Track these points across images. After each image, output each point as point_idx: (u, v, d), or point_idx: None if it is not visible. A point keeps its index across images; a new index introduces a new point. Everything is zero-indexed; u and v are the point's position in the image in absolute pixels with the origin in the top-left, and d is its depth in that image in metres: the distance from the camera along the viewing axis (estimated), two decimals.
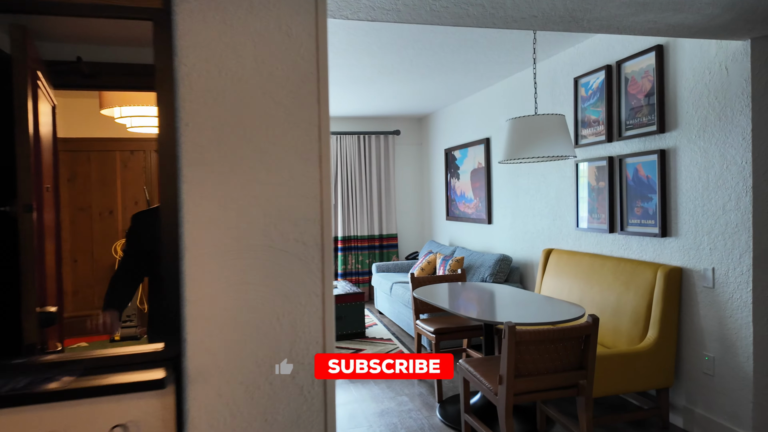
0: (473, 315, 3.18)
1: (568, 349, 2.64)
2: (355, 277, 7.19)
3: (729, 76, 2.85)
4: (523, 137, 3.21)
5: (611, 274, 3.63)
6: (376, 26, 3.40)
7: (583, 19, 2.30)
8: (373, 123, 7.37)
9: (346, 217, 7.15)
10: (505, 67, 4.69)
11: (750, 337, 2.79)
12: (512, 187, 5.16)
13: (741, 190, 2.81)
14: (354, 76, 4.79)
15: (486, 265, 4.95)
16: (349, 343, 5.19)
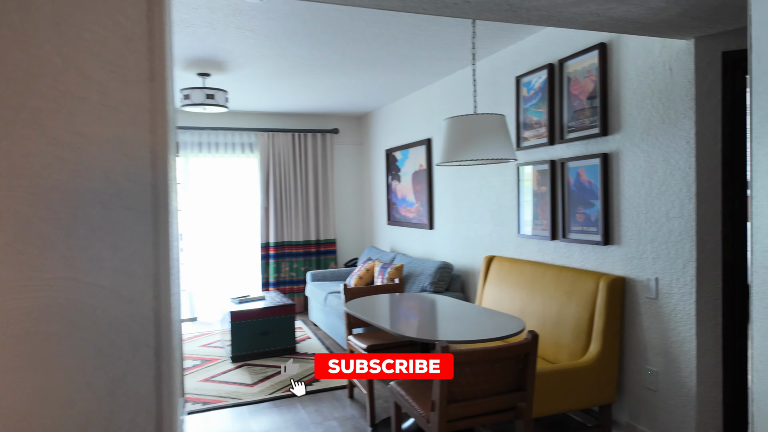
0: (408, 333, 2.97)
1: (506, 370, 2.48)
2: (289, 287, 6.87)
3: (673, 77, 2.78)
4: (461, 138, 3.04)
5: (553, 284, 3.53)
6: (299, 10, 3.15)
7: (521, 7, 2.15)
8: (309, 120, 7.09)
9: (278, 221, 6.83)
10: (445, 64, 4.54)
11: (693, 350, 2.73)
12: (454, 190, 5.02)
13: (685, 197, 2.75)
14: (281, 67, 4.51)
15: (426, 274, 4.79)
16: (276, 360, 4.89)
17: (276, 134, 6.79)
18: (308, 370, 4.56)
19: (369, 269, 5.47)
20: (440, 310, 3.42)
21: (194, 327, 6.28)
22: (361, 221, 7.45)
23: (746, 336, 2.74)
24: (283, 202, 6.82)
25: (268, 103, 6.14)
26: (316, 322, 5.97)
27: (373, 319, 3.21)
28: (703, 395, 2.72)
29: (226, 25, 3.46)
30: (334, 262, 7.05)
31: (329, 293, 5.41)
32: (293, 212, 6.86)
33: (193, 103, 4.65)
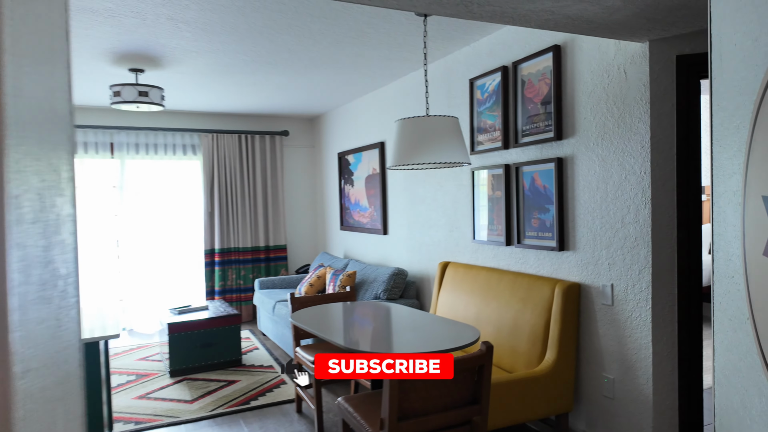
0: (360, 345, 2.84)
1: (459, 383, 2.38)
2: (236, 295, 6.62)
3: (628, 80, 2.77)
4: (413, 141, 2.94)
5: (508, 290, 3.48)
6: (238, 2, 2.98)
7: (473, 2, 2.06)
8: (257, 121, 6.87)
9: (224, 226, 6.57)
10: (398, 66, 4.45)
11: (649, 357, 2.71)
12: (408, 195, 4.93)
13: (640, 202, 2.74)
14: (223, 64, 4.31)
15: (380, 280, 4.67)
16: (220, 373, 4.66)
17: (221, 135, 6.54)
18: (256, 383, 4.36)
19: (320, 276, 5.31)
20: (394, 320, 3.31)
21: (131, 339, 5.95)
22: (313, 226, 7.27)
23: (701, 342, 2.75)
24: (229, 207, 6.57)
25: (212, 102, 5.89)
26: (265, 331, 5.76)
27: (323, 330, 3.06)
28: (660, 402, 2.71)
29: (157, 16, 3.24)
30: (284, 269, 6.85)
31: (278, 302, 5.22)
32: (240, 217, 6.61)
33: (124, 100, 4.38)
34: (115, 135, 6.18)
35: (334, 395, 4.05)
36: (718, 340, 1.48)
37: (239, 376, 4.59)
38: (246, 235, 6.64)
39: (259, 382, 4.40)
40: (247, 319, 6.64)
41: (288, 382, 4.35)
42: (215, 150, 6.51)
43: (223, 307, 5.18)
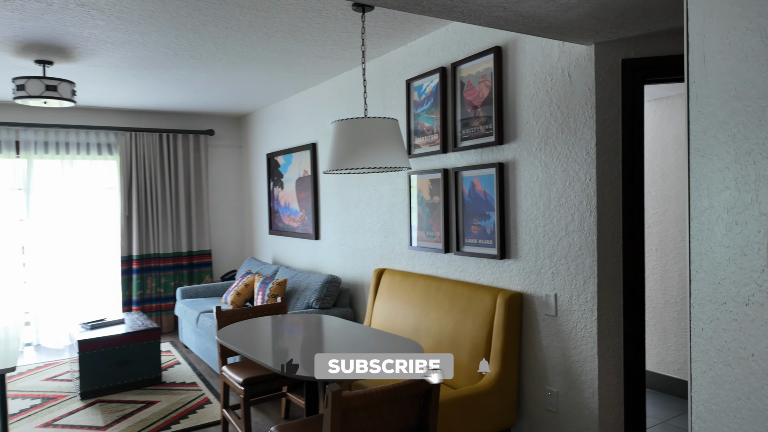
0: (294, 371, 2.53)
1: (406, 409, 2.13)
2: (156, 305, 6.06)
3: (572, 84, 2.63)
4: (351, 144, 2.66)
5: (448, 299, 3.27)
6: None
7: None
8: (180, 120, 6.33)
9: (143, 231, 5.99)
10: (332, 64, 4.15)
11: (595, 370, 2.59)
12: (342, 198, 4.64)
13: (585, 210, 2.60)
14: (142, 57, 3.84)
15: (312, 288, 4.35)
16: (137, 394, 4.17)
17: (140, 134, 5.96)
18: (177, 403, 3.91)
19: (248, 284, 4.91)
20: (328, 336, 3.02)
21: (37, 357, 5.28)
22: (240, 230, 6.81)
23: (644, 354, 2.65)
24: (148, 210, 6.00)
25: (130, 98, 5.33)
26: (188, 344, 5.27)
27: (252, 349, 2.72)
28: (606, 417, 2.58)
29: (65, 1, 2.78)
30: (209, 276, 6.35)
31: (202, 313, 4.77)
32: (161, 221, 6.06)
33: (29, 95, 3.81)
34: (22, 133, 5.48)
35: (264, 415, 3.69)
36: (699, 370, 1.31)
37: (159, 395, 4.12)
38: (167, 240, 6.09)
39: (181, 402, 3.96)
40: (168, 330, 6.10)
41: (213, 402, 3.94)
42: (133, 149, 5.92)
43: (141, 320, 4.66)
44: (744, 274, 1.06)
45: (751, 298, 1.03)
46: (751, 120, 1.02)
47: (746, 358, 1.06)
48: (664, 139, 4.02)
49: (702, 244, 1.25)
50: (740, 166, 1.08)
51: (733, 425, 1.12)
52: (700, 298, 1.27)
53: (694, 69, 1.27)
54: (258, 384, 3.08)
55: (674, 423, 3.55)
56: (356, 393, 1.94)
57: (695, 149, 1.28)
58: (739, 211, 1.08)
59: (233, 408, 3.35)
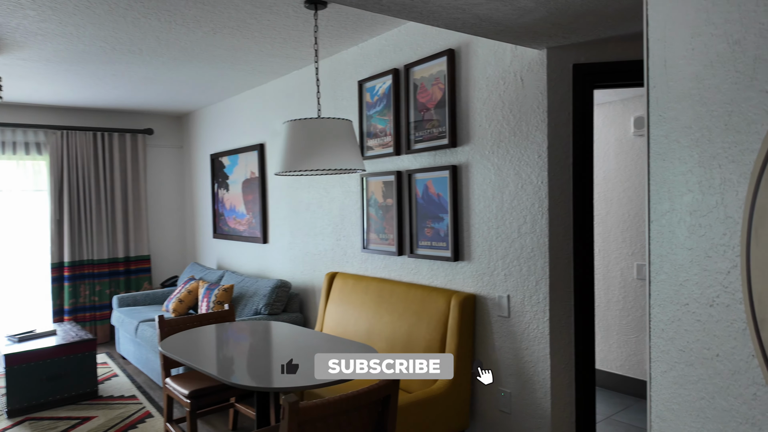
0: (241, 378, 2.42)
1: (364, 417, 2.08)
2: (90, 314, 5.72)
3: (524, 88, 2.67)
4: (304, 145, 2.59)
5: (402, 303, 3.25)
6: None
7: None
8: (116, 118, 6.01)
9: (75, 235, 5.64)
10: (281, 63, 4.05)
11: (547, 371, 2.63)
12: (291, 201, 4.54)
13: (537, 212, 2.64)
14: (77, 51, 3.60)
15: (261, 294, 4.22)
16: (72, 410, 3.90)
17: (72, 133, 5.61)
18: (116, 419, 3.69)
19: (192, 291, 4.72)
20: (277, 344, 2.92)
21: None
22: (181, 234, 6.54)
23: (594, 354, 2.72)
24: (81, 214, 5.65)
25: (62, 95, 5.00)
26: (126, 355, 5.00)
27: (198, 359, 2.59)
28: (558, 416, 2.63)
29: None
30: (148, 282, 6.06)
31: (141, 322, 4.53)
32: (95, 225, 5.72)
33: None
34: None
35: (210, 428, 3.54)
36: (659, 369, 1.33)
37: (95, 411, 3.88)
38: (102, 245, 5.76)
39: (120, 417, 3.74)
40: (104, 340, 5.77)
41: (156, 415, 3.74)
42: (65, 149, 5.57)
43: (74, 331, 4.38)
44: (708, 275, 1.08)
45: (716, 299, 1.05)
46: (716, 125, 1.03)
47: (711, 358, 1.07)
48: (606, 143, 4.17)
49: (663, 246, 1.27)
50: (704, 169, 1.09)
51: (696, 424, 1.14)
52: (661, 299, 1.29)
53: (655, 74, 1.29)
54: (205, 396, 2.94)
55: (618, 418, 3.67)
56: (314, 403, 1.87)
57: (656, 153, 1.30)
58: (703, 213, 1.10)
59: (177, 421, 3.19)
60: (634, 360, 4.02)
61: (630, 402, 3.93)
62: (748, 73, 0.94)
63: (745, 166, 0.95)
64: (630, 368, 4.04)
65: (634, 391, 4.02)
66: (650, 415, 1.36)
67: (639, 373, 3.99)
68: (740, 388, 0.98)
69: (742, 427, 0.97)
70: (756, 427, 0.93)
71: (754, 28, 0.92)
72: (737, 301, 0.98)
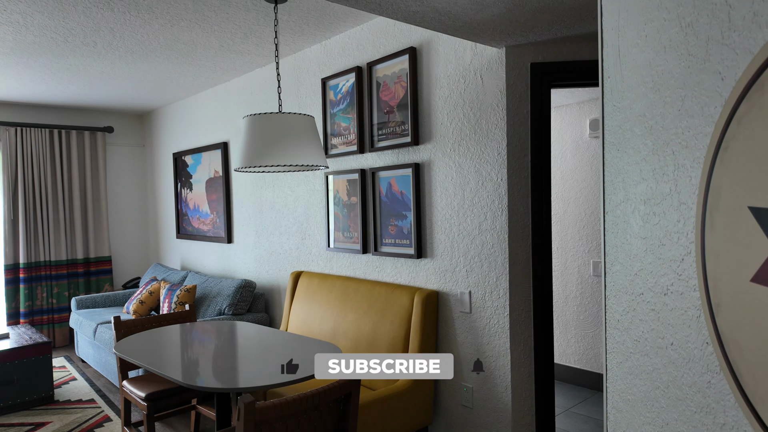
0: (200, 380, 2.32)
1: (325, 416, 2.01)
2: (48, 316, 5.46)
3: (484, 86, 2.64)
4: (265, 140, 2.50)
5: (366, 300, 3.19)
6: None
7: None
8: (74, 115, 5.76)
9: (31, 236, 5.38)
10: (242, 60, 3.94)
11: (508, 365, 2.60)
12: (256, 200, 4.42)
13: (497, 209, 2.62)
14: (26, 42, 3.41)
15: (225, 294, 4.09)
16: (25, 415, 3.70)
17: (27, 130, 5.35)
18: (72, 423, 3.51)
19: (153, 292, 4.54)
20: (241, 344, 2.82)
21: None
22: (144, 235, 6.32)
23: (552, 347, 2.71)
24: (38, 213, 5.39)
25: (14, 89, 4.76)
26: (85, 358, 4.78)
27: (155, 361, 2.47)
28: (518, 409, 2.61)
29: None
30: (109, 284, 5.83)
31: (100, 324, 4.34)
32: (52, 225, 5.47)
33: None
34: None
35: (172, 431, 3.40)
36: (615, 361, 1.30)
37: (51, 416, 3.68)
38: (60, 246, 5.51)
39: (76, 422, 3.56)
40: (63, 343, 5.52)
41: (114, 419, 3.57)
42: (19, 147, 5.30)
43: (29, 334, 4.16)
44: (662, 264, 1.05)
45: (670, 288, 1.02)
46: (669, 111, 1.01)
47: (664, 347, 1.05)
48: (562, 145, 4.20)
49: (617, 236, 1.24)
50: (658, 157, 1.07)
51: (650, 415, 1.11)
52: (616, 289, 1.26)
53: (609, 64, 1.26)
54: (163, 398, 2.81)
55: (576, 410, 3.69)
56: (271, 404, 1.79)
57: (610, 143, 1.27)
58: (657, 201, 1.07)
59: (136, 425, 3.05)
60: (591, 354, 4.05)
61: (587, 394, 3.96)
62: (701, 55, 0.91)
63: (698, 151, 0.93)
64: (587, 362, 4.08)
65: (590, 384, 4.05)
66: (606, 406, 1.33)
67: (596, 366, 4.03)
68: (694, 376, 0.95)
69: (697, 415, 0.94)
70: (710, 415, 0.91)
71: (706, 9, 0.89)
72: (691, 288, 0.96)
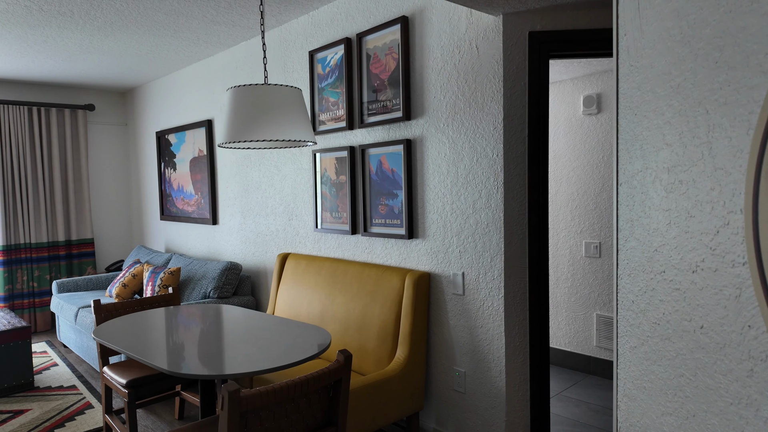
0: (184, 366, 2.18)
1: (314, 404, 1.89)
2: (29, 300, 5.28)
3: (480, 57, 2.49)
4: (249, 113, 2.34)
5: (356, 283, 3.06)
6: None
7: None
8: (54, 92, 5.52)
9: (10, 217, 5.17)
10: (227, 32, 3.74)
11: (502, 348, 2.50)
12: (241, 180, 4.25)
13: (492, 186, 2.49)
14: (0, 11, 3.20)
15: (210, 277, 3.95)
16: (3, 403, 3.55)
17: (3, 107, 5.11)
18: (53, 410, 3.37)
19: (136, 275, 4.39)
20: (227, 328, 2.68)
21: None
22: (127, 216, 6.13)
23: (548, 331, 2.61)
24: (16, 195, 5.18)
25: None
26: (67, 343, 4.63)
27: (136, 346, 2.33)
28: (512, 395, 2.51)
29: None
30: (92, 267, 5.65)
31: (81, 308, 4.18)
32: (32, 207, 5.26)
33: None
34: None
35: (156, 417, 3.28)
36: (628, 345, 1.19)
37: (30, 403, 3.54)
38: (40, 228, 5.31)
39: (57, 409, 3.42)
40: (45, 328, 5.35)
41: (96, 406, 3.44)
42: None
43: (7, 318, 3.99)
44: (690, 238, 0.93)
45: (700, 264, 0.90)
46: (702, 65, 0.88)
47: (691, 330, 0.93)
48: (556, 122, 4.07)
49: (633, 210, 1.12)
50: (686, 119, 0.94)
51: (671, 404, 1.00)
52: (630, 268, 1.14)
53: (625, 20, 1.13)
54: (146, 385, 2.68)
55: (567, 394, 3.62)
56: (256, 392, 1.66)
57: (626, 108, 1.14)
58: (684, 168, 0.95)
59: (118, 413, 2.92)
60: (582, 336, 3.98)
61: (578, 377, 3.89)
62: None
63: (741, 107, 0.80)
64: (578, 345, 4.00)
65: (581, 367, 3.99)
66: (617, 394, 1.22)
67: (586, 349, 3.96)
68: (731, 363, 0.83)
69: (733, 407, 0.83)
70: (751, 408, 0.79)
71: None
72: (728, 264, 0.84)
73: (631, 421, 1.13)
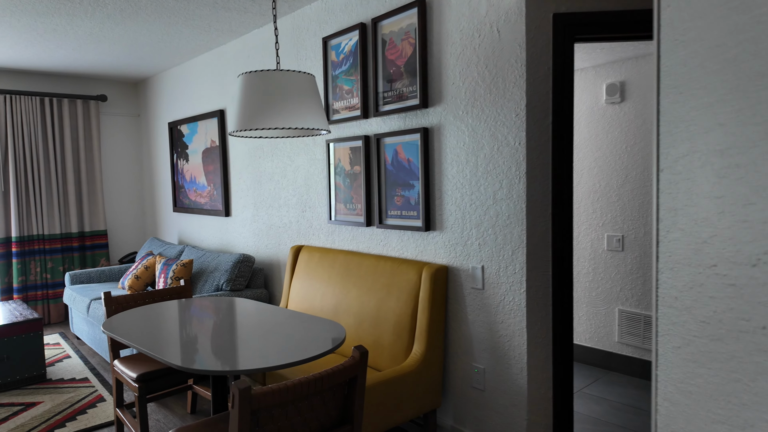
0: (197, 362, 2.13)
1: (327, 402, 1.83)
2: (42, 292, 5.30)
3: (501, 41, 2.39)
4: (261, 100, 2.27)
5: (370, 276, 2.99)
6: None
7: None
8: (66, 83, 5.51)
9: (24, 209, 5.18)
10: (238, 19, 3.67)
11: (524, 345, 2.41)
12: (254, 171, 4.20)
13: (514, 176, 2.40)
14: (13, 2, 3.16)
15: (222, 269, 3.91)
16: (16, 395, 3.55)
17: (16, 97, 5.11)
18: (64, 403, 3.36)
19: (149, 267, 4.36)
20: (240, 322, 2.63)
21: None
22: (140, 208, 6.12)
23: (572, 327, 2.51)
24: (30, 186, 5.18)
25: (1, 54, 4.51)
26: (80, 334, 4.63)
27: (146, 340, 2.28)
28: (534, 393, 2.43)
29: None
30: (105, 259, 5.65)
31: (94, 300, 4.17)
32: (45, 198, 5.26)
33: None
34: None
35: (168, 411, 3.25)
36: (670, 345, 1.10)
37: (42, 395, 3.54)
38: (54, 219, 5.31)
39: (69, 402, 3.41)
40: (58, 320, 5.37)
41: (108, 399, 3.42)
42: (9, 116, 5.06)
43: (20, 310, 3.99)
44: (749, 228, 0.84)
45: (762, 258, 0.81)
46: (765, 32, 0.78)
47: (750, 331, 0.84)
48: (577, 111, 3.95)
49: (677, 198, 1.02)
50: (742, 95, 0.84)
51: (723, 412, 0.91)
52: (673, 261, 1.04)
53: None
54: (155, 379, 2.64)
55: (588, 391, 3.52)
56: (268, 389, 1.60)
57: (669, 87, 1.04)
58: (741, 150, 0.85)
59: (129, 406, 2.89)
60: (603, 332, 3.87)
61: (599, 374, 3.80)
62: None
63: None
64: (599, 340, 3.90)
65: (602, 363, 3.88)
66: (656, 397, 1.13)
67: (607, 345, 3.86)
68: None
69: None
70: None
71: None
72: None
73: (673, 428, 1.04)
